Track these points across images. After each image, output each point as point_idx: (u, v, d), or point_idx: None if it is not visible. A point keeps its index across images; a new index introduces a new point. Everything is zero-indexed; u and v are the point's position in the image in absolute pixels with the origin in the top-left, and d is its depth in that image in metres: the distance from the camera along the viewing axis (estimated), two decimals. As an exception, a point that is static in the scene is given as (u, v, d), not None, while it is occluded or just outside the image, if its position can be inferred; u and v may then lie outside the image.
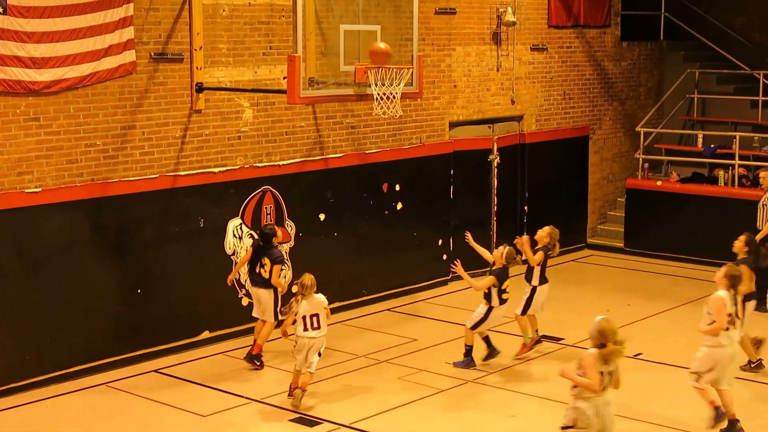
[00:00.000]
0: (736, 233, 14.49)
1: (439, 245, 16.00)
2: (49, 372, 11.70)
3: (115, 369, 12.19)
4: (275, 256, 12.26)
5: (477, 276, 12.77)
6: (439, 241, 15.92)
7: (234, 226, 13.35)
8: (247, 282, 13.33)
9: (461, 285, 14.37)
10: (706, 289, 12.65)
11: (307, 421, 10.67)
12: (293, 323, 11.08)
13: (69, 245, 11.78)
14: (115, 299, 12.25)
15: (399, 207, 15.46)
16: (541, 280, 12.66)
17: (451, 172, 16.27)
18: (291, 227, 13.99)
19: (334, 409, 11.00)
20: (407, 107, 15.12)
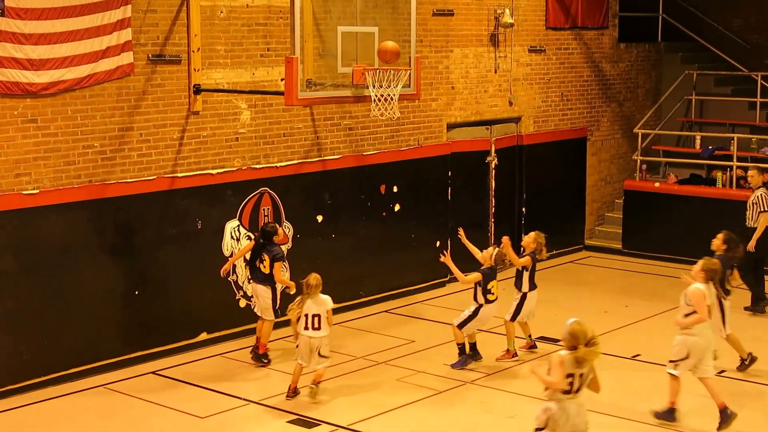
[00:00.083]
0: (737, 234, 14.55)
1: (437, 247, 15.98)
2: (47, 374, 11.68)
3: (113, 371, 12.18)
4: (275, 253, 12.26)
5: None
6: (437, 243, 15.90)
7: (232, 227, 13.34)
8: (245, 283, 13.35)
9: (459, 287, 14.36)
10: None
11: (305, 423, 10.66)
12: (297, 320, 11.17)
13: (66, 247, 11.78)
14: (113, 301, 12.24)
15: (397, 209, 15.46)
16: (531, 286, 12.67)
17: (449, 173, 16.27)
18: (289, 229, 13.99)
19: (332, 411, 11.00)
20: (405, 109, 15.10)
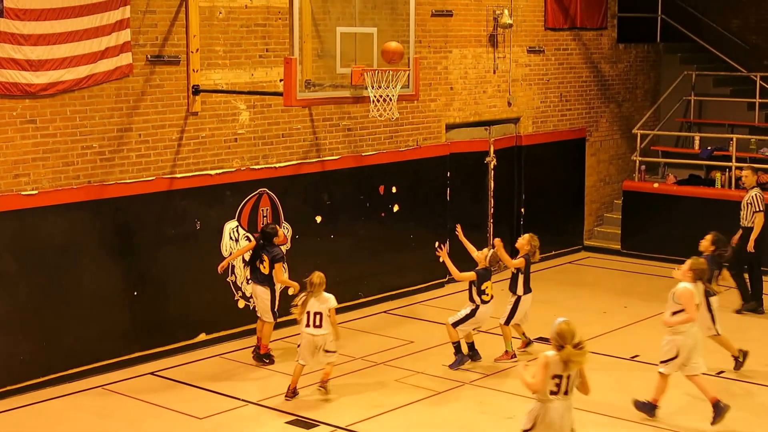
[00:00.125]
0: (733, 235, 14.57)
1: (436, 247, 15.96)
2: (46, 374, 11.68)
3: (112, 371, 12.18)
4: (274, 254, 12.27)
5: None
6: (436, 243, 15.88)
7: (230, 228, 13.34)
8: (244, 284, 13.35)
9: (458, 287, 14.36)
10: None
11: (304, 423, 10.66)
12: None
13: (65, 248, 11.77)
14: (112, 302, 12.24)
15: (395, 209, 15.46)
16: (525, 289, 12.67)
17: (448, 174, 16.27)
18: (287, 229, 13.98)
19: (330, 411, 10.99)
20: (404, 109, 15.09)
